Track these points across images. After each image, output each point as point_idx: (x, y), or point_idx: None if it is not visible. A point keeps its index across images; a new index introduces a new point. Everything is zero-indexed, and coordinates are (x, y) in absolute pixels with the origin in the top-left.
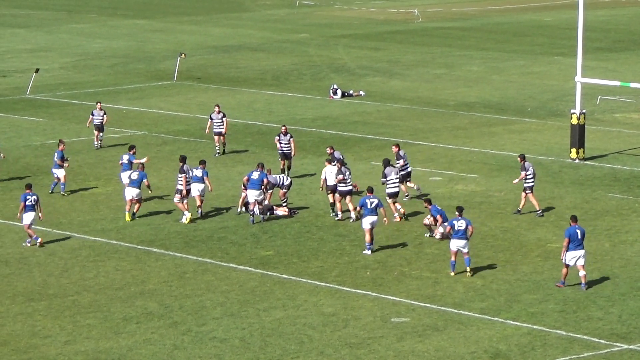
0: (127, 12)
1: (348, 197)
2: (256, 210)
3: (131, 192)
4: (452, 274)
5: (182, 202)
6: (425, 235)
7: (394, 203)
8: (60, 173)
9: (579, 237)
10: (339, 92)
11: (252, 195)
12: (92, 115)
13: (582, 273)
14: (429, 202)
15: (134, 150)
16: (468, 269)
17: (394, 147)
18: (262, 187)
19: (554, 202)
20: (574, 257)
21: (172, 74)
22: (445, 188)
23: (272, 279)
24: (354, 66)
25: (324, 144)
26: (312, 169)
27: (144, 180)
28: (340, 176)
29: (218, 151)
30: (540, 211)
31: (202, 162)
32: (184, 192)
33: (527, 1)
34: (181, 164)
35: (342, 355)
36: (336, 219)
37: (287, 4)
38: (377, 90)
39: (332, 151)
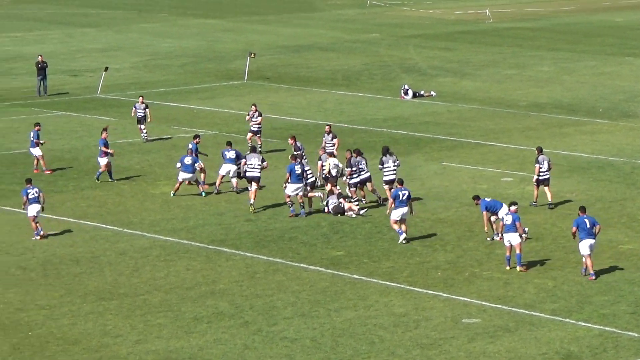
0: (197, 11)
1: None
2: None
3: (184, 177)
4: (507, 267)
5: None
6: (488, 239)
7: (390, 189)
8: (102, 161)
9: (588, 226)
10: (410, 92)
11: (293, 189)
12: (135, 108)
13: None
14: (477, 197)
15: (198, 139)
16: (518, 267)
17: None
18: (304, 179)
19: (625, 204)
20: (588, 246)
21: (243, 73)
22: (516, 189)
23: (343, 279)
24: (425, 66)
25: (395, 145)
26: None
27: (197, 164)
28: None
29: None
30: (536, 203)
31: (229, 143)
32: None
33: (598, 2)
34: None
35: (413, 356)
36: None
37: (357, 4)
38: (448, 90)
39: (293, 142)
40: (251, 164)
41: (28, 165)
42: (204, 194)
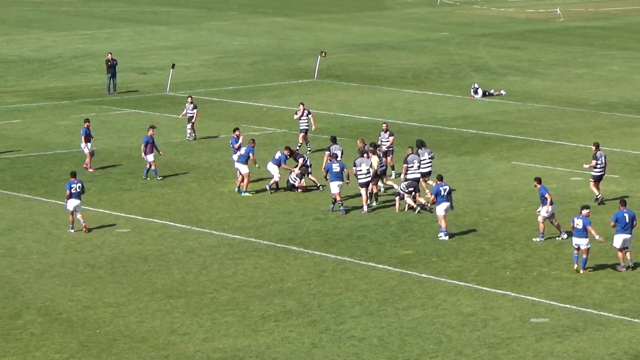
0: (267, 9)
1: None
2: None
3: (239, 167)
4: (575, 266)
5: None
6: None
7: (425, 182)
8: (150, 158)
9: (627, 220)
10: (480, 91)
11: (335, 186)
12: (185, 108)
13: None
14: (539, 180)
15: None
16: (581, 270)
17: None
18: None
19: None
20: (622, 240)
21: (312, 71)
22: (585, 188)
23: (411, 278)
24: (495, 65)
25: (464, 144)
26: (452, 168)
27: (250, 155)
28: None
29: (309, 148)
30: (600, 198)
31: (287, 148)
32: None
33: None
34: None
35: (480, 355)
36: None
37: (427, 3)
38: (518, 89)
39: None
40: (360, 170)
41: (99, 162)
42: (243, 193)
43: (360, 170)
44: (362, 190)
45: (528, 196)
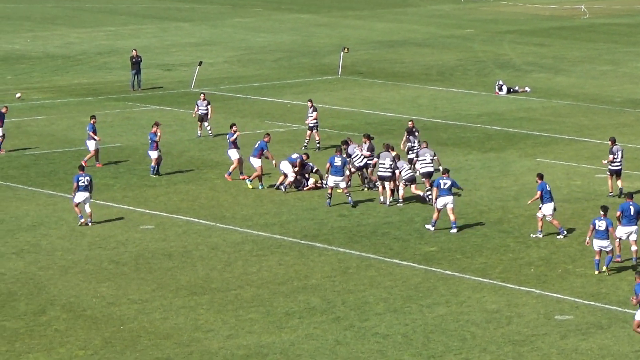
0: (291, 6)
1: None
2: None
3: (252, 162)
4: (597, 272)
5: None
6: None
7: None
8: (153, 155)
9: (632, 212)
10: (504, 88)
11: (333, 180)
12: (197, 105)
13: (634, 248)
14: (541, 176)
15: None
16: (604, 267)
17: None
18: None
19: None
20: (626, 233)
21: (337, 68)
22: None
23: (436, 275)
24: (520, 62)
25: (488, 140)
26: (477, 165)
27: (264, 151)
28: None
29: (318, 145)
30: (612, 193)
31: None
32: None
33: None
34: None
35: (505, 352)
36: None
37: (452, 0)
38: (543, 86)
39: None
40: (383, 164)
41: (121, 158)
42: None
43: (383, 164)
44: (380, 183)
45: (553, 193)
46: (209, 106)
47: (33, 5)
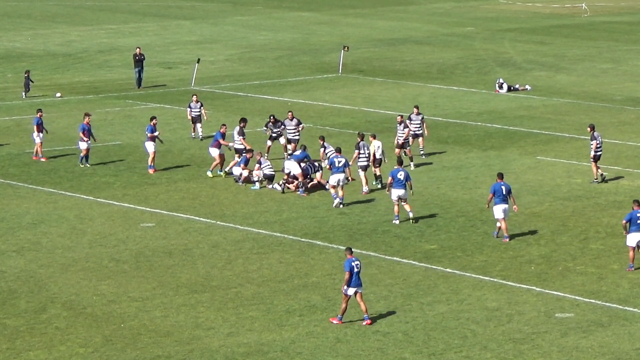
0: (292, 4)
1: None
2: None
3: (210, 152)
4: (629, 270)
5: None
6: None
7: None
8: (150, 148)
9: (638, 220)
10: (505, 86)
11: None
12: (190, 108)
13: None
14: (501, 176)
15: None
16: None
17: None
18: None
19: None
20: (636, 239)
21: (337, 66)
22: (610, 183)
23: (436, 273)
24: (520, 60)
25: (489, 138)
26: (477, 163)
27: (220, 140)
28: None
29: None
30: (597, 180)
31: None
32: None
33: None
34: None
35: (505, 350)
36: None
37: None
38: (543, 84)
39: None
40: (363, 153)
41: (122, 156)
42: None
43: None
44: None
45: (553, 191)
46: (202, 108)
47: (34, 3)
